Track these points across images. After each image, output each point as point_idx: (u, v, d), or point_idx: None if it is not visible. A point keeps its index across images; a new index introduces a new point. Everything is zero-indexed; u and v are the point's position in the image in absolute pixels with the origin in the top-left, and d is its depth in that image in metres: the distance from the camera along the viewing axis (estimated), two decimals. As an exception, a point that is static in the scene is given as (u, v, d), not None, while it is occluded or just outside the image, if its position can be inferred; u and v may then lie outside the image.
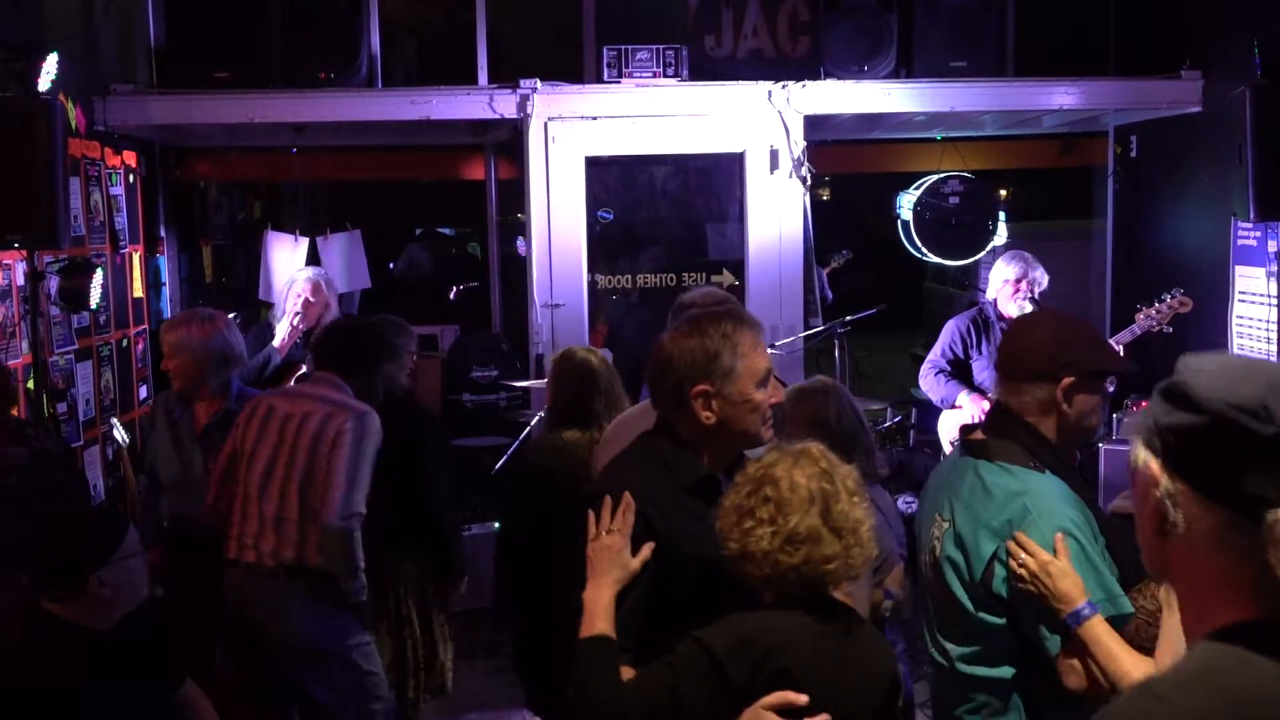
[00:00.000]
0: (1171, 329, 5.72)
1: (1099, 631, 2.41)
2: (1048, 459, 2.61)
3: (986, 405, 5.83)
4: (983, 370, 5.96)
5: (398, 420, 4.22)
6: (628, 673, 2.27)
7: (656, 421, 2.65)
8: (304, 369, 5.80)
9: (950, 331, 6.08)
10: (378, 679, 4.11)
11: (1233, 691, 1.32)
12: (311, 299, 5.79)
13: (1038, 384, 2.64)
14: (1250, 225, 5.99)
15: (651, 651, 2.28)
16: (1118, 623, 2.45)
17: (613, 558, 2.38)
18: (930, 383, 6.04)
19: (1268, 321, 5.96)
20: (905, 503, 5.88)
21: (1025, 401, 2.66)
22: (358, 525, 3.87)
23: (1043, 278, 5.89)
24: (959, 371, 6.02)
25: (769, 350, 2.65)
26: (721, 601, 2.26)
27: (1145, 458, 1.44)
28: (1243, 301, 6.21)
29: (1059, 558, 2.45)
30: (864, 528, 2.26)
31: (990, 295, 6.08)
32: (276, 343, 5.74)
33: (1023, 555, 2.49)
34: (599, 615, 2.33)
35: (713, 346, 2.52)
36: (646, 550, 2.39)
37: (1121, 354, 2.93)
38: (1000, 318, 5.96)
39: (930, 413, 6.59)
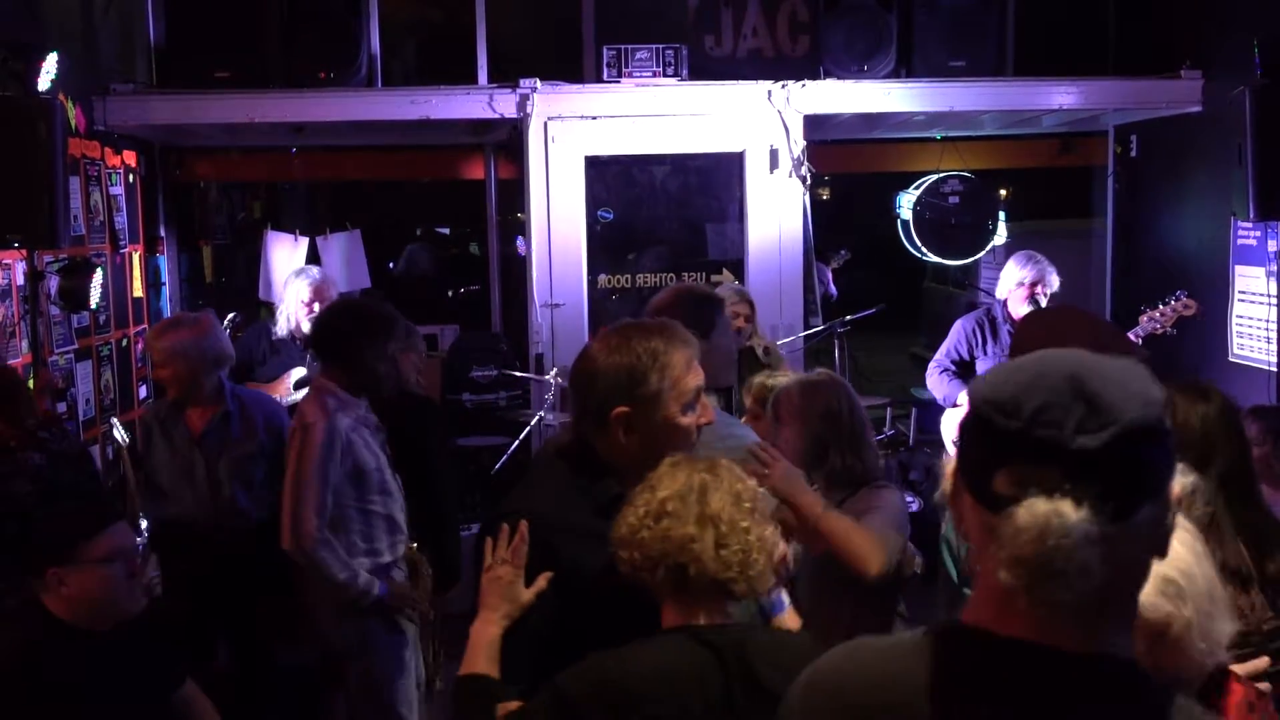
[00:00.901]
0: (1175, 330, 5.70)
1: None
2: None
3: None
4: (986, 370, 5.96)
5: (405, 414, 4.22)
6: (508, 708, 2.13)
7: (572, 436, 2.47)
8: (303, 371, 5.81)
9: (958, 332, 6.10)
10: (397, 687, 4.07)
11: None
12: (322, 304, 5.81)
13: None
14: (1250, 225, 5.99)
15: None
16: None
17: (502, 590, 2.24)
18: (935, 381, 6.08)
19: (1267, 321, 5.96)
20: (906, 505, 5.88)
21: None
22: (313, 544, 3.82)
23: (1054, 280, 5.87)
24: (965, 372, 6.02)
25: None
26: (629, 629, 2.08)
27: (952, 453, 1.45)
28: (1242, 301, 6.21)
29: None
30: (750, 535, 2.06)
31: (1000, 295, 6.06)
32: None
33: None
34: (479, 652, 2.21)
35: (640, 367, 2.33)
36: (542, 580, 2.24)
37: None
38: (1008, 319, 5.96)
39: (932, 413, 6.59)
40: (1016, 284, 5.89)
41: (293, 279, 5.96)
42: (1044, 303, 5.83)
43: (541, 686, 2.05)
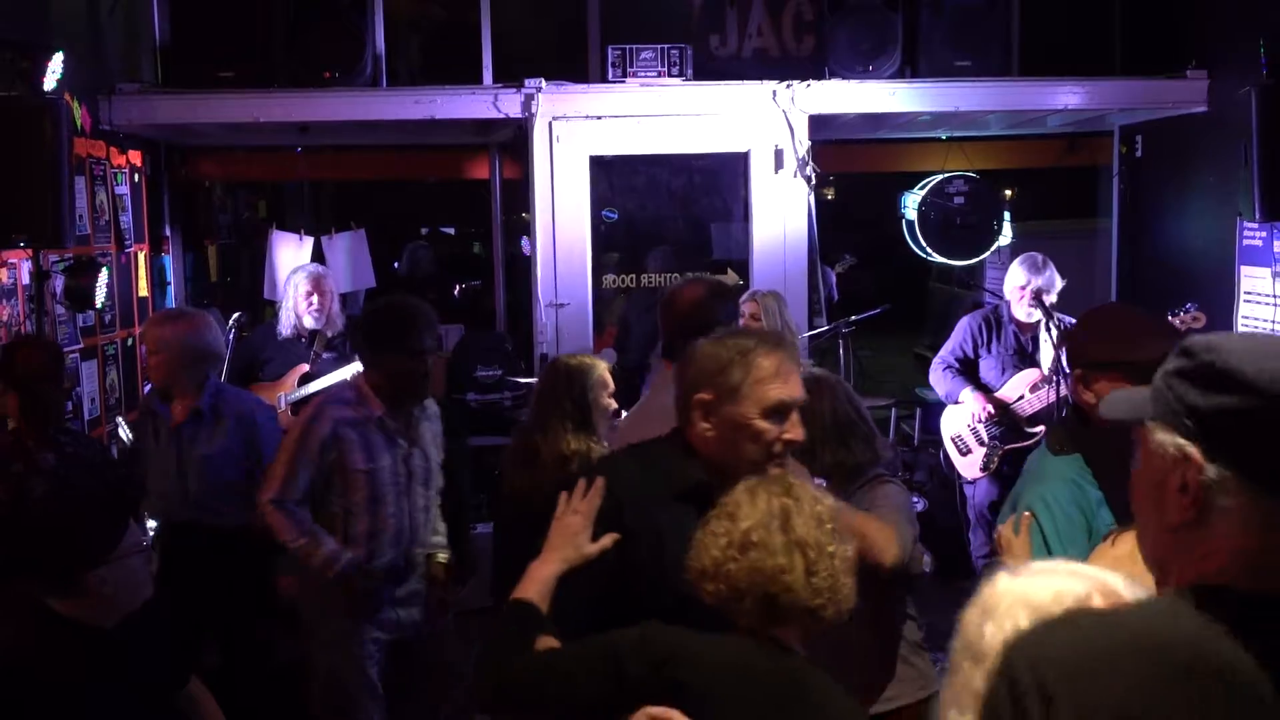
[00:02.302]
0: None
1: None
2: (1085, 442, 2.73)
3: (989, 404, 5.84)
4: (990, 369, 5.96)
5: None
6: (548, 642, 2.19)
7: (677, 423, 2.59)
8: (305, 369, 5.83)
9: (963, 329, 6.10)
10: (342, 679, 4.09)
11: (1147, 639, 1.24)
12: (321, 295, 5.84)
13: (1074, 373, 2.91)
14: (1256, 225, 5.98)
15: None
16: None
17: (568, 536, 2.34)
18: (937, 378, 6.09)
19: (1273, 322, 5.95)
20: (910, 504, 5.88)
21: (1075, 389, 2.88)
22: (266, 506, 3.94)
23: (1052, 282, 5.82)
24: (967, 370, 6.02)
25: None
26: (680, 611, 2.12)
27: (1177, 442, 1.38)
28: (1248, 302, 6.20)
29: (1020, 531, 2.63)
30: (835, 559, 2.06)
31: (1006, 296, 6.05)
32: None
33: (1003, 526, 2.72)
34: (532, 584, 2.29)
35: (725, 357, 2.44)
36: (607, 540, 2.34)
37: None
38: (1012, 320, 5.95)
39: (936, 413, 6.59)
40: (1020, 288, 5.86)
41: (291, 275, 6.01)
42: (1048, 304, 5.81)
43: (592, 639, 2.10)
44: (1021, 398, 5.81)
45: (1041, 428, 5.70)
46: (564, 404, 4.05)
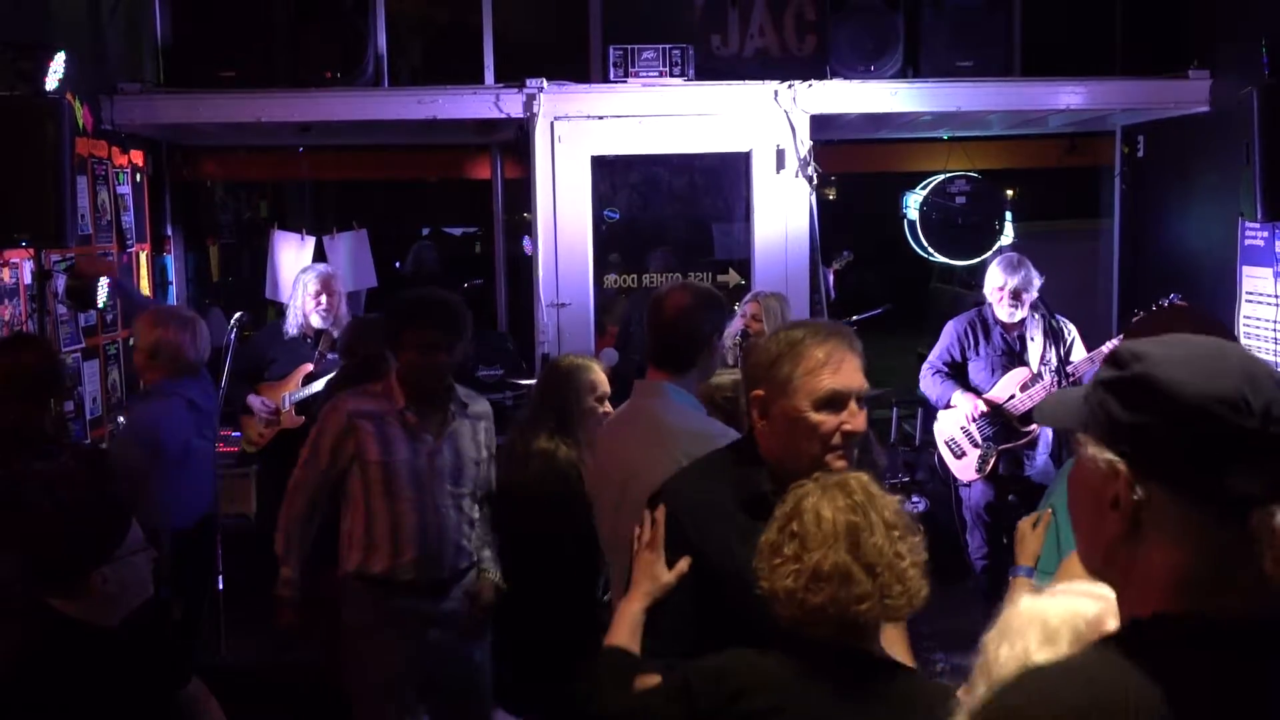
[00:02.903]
0: (1124, 334, 5.65)
1: (1017, 590, 2.52)
2: None
3: (981, 405, 5.82)
4: (979, 371, 5.95)
5: None
6: (647, 680, 2.25)
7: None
8: (309, 368, 5.83)
9: (949, 333, 6.08)
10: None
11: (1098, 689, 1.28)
12: (329, 295, 5.87)
13: None
14: (1257, 225, 5.98)
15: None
16: None
17: (645, 570, 2.40)
18: (928, 383, 6.06)
19: (1274, 322, 5.95)
20: (912, 504, 5.88)
21: None
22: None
23: (1029, 281, 5.77)
24: (957, 373, 6.01)
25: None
26: (758, 624, 2.14)
27: (1106, 457, 1.34)
28: (1250, 301, 6.19)
29: (1039, 524, 2.72)
30: (905, 564, 2.08)
31: (986, 298, 6.04)
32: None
33: (1023, 520, 2.80)
34: (623, 627, 2.35)
35: (774, 351, 2.43)
36: (683, 564, 2.37)
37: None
38: (998, 321, 5.94)
39: (927, 414, 6.59)
40: (997, 289, 5.84)
41: (300, 275, 6.03)
42: (1027, 305, 5.79)
43: (675, 672, 2.15)
44: (1013, 397, 5.80)
45: (1034, 426, 5.70)
46: (546, 403, 4.13)
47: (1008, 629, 1.67)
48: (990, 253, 7.49)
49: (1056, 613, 1.64)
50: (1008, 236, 7.49)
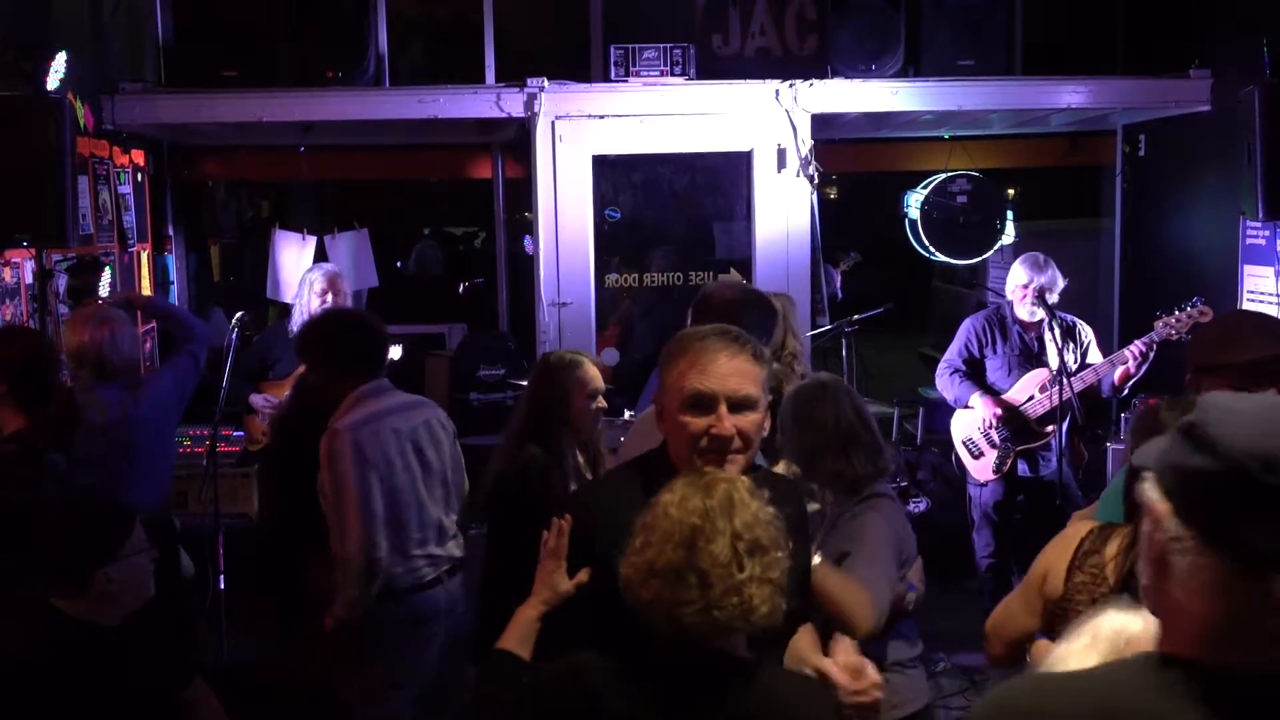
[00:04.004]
0: (1190, 336, 5.65)
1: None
2: None
3: (999, 408, 5.80)
4: (996, 370, 5.93)
5: None
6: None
7: None
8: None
9: (967, 331, 6.05)
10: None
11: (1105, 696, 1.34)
12: (335, 295, 5.86)
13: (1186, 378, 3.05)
14: (1259, 224, 5.97)
15: None
16: None
17: (544, 578, 2.42)
18: (945, 383, 6.02)
19: (1276, 321, 5.94)
20: (913, 504, 5.87)
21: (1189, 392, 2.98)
22: None
23: (1054, 280, 5.80)
24: (973, 371, 5.99)
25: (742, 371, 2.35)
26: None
27: (1156, 498, 1.40)
28: (1251, 301, 6.19)
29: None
30: (743, 577, 1.98)
31: (1008, 296, 6.02)
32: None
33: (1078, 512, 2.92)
34: (513, 632, 2.40)
35: (664, 353, 2.43)
36: (583, 575, 2.38)
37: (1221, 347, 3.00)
38: (1016, 321, 5.93)
39: (940, 413, 6.57)
40: (1022, 287, 5.83)
41: (306, 274, 6.04)
42: (1051, 304, 5.78)
43: (534, 675, 2.21)
44: (1031, 398, 5.78)
45: (1052, 427, 5.69)
46: (535, 405, 3.99)
47: (1073, 631, 1.73)
48: (991, 252, 7.50)
49: (1110, 622, 1.70)
50: (1009, 236, 7.48)
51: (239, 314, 5.85)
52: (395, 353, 5.37)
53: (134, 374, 4.67)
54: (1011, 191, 8.45)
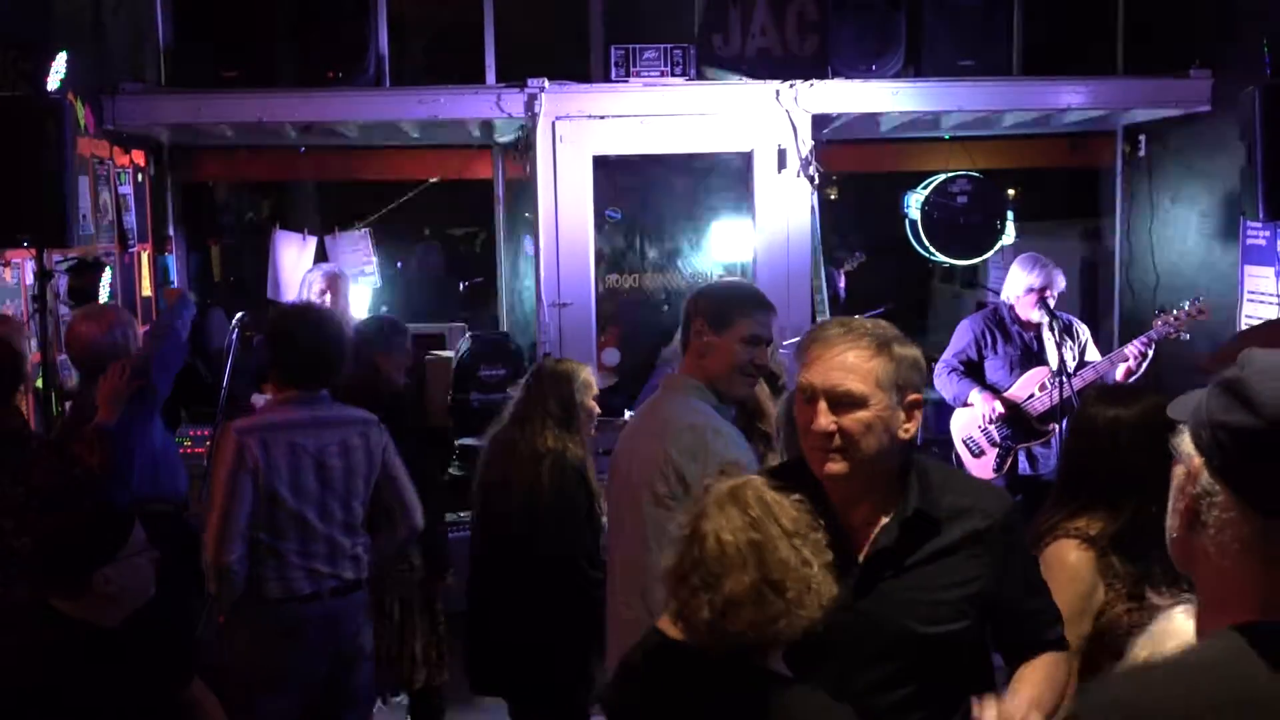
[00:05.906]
0: (1189, 335, 5.66)
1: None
2: None
3: (998, 404, 5.81)
4: (996, 370, 5.93)
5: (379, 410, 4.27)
6: None
7: None
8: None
9: (966, 332, 6.05)
10: None
11: (1231, 683, 1.31)
12: (335, 295, 5.86)
13: None
14: (1259, 225, 5.97)
15: None
16: None
17: None
18: (943, 381, 6.03)
19: (1277, 321, 5.94)
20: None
21: None
22: None
23: (1055, 281, 5.82)
24: (972, 372, 6.00)
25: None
26: None
27: (1190, 451, 1.40)
28: (1251, 301, 6.19)
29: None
30: (813, 570, 2.03)
31: (1006, 297, 6.00)
32: None
33: None
34: None
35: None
36: None
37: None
38: (1017, 321, 5.93)
39: (940, 412, 6.57)
40: (1025, 289, 5.84)
41: (308, 274, 6.05)
42: (1052, 305, 5.79)
43: None
44: (1032, 396, 5.79)
45: (1053, 425, 5.69)
46: (548, 404, 4.20)
47: (1150, 629, 1.74)
48: (992, 252, 7.49)
49: (1173, 623, 1.71)
50: (1009, 236, 7.48)
51: (239, 314, 5.85)
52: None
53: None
54: (1011, 192, 8.43)
